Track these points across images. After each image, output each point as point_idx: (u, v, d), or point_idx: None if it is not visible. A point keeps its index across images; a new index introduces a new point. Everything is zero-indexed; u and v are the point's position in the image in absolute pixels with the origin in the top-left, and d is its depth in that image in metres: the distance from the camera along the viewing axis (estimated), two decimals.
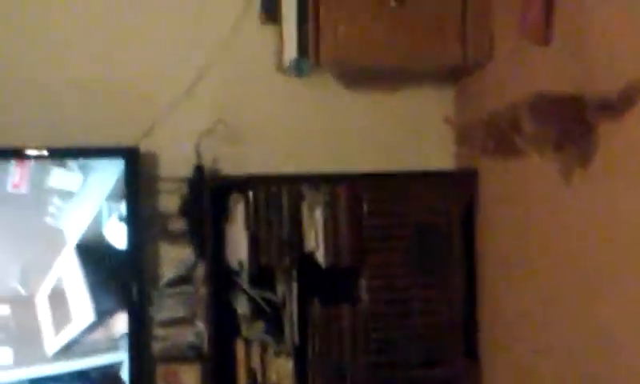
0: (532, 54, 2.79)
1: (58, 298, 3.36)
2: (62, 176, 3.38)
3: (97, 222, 3.38)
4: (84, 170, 3.38)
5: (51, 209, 3.38)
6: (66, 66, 3.51)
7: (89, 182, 3.39)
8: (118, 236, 3.38)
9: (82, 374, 3.38)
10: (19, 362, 3.33)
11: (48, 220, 3.38)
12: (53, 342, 3.35)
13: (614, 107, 2.17)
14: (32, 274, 3.35)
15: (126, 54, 3.54)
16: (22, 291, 3.35)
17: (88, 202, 3.39)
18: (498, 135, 2.43)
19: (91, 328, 3.37)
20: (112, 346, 3.39)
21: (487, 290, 3.33)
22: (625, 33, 2.24)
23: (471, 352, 3.39)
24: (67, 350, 3.36)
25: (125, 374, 3.37)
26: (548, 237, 2.73)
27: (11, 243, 3.39)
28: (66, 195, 3.37)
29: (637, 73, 2.12)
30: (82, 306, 3.37)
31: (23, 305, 3.35)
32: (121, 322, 3.39)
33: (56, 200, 3.38)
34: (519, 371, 3.01)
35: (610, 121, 2.19)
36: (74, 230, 3.38)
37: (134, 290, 3.36)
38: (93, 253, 3.38)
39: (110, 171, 3.38)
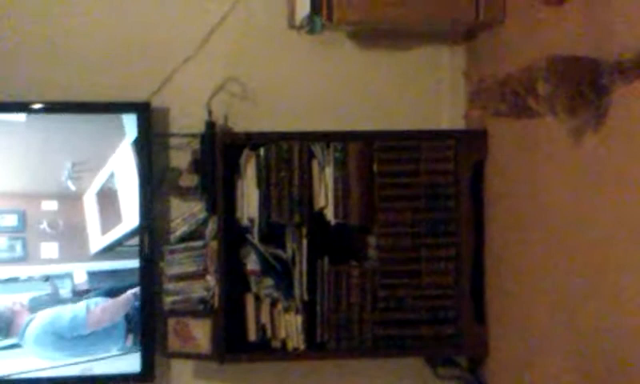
0: (546, 14, 2.77)
1: (107, 197, 3.40)
2: None
3: None
4: None
5: None
6: (80, 23, 3.54)
7: None
8: None
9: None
10: (63, 257, 3.40)
11: None
12: (98, 240, 3.41)
13: (629, 70, 2.16)
14: (84, 169, 3.37)
15: (139, 11, 3.55)
16: (72, 187, 3.38)
17: None
18: (511, 97, 2.43)
19: (138, 230, 3.42)
20: None
21: (495, 252, 3.34)
22: None
23: (479, 314, 3.42)
24: (110, 251, 3.43)
25: None
26: (557, 200, 2.74)
27: (64, 133, 3.40)
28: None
29: None
30: (132, 207, 3.40)
31: (71, 201, 3.39)
32: None
33: None
34: (526, 335, 3.03)
35: (626, 84, 2.18)
36: (134, 120, 3.39)
37: (146, 245, 3.40)
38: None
39: None
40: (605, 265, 2.43)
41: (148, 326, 3.44)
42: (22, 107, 3.38)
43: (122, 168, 3.40)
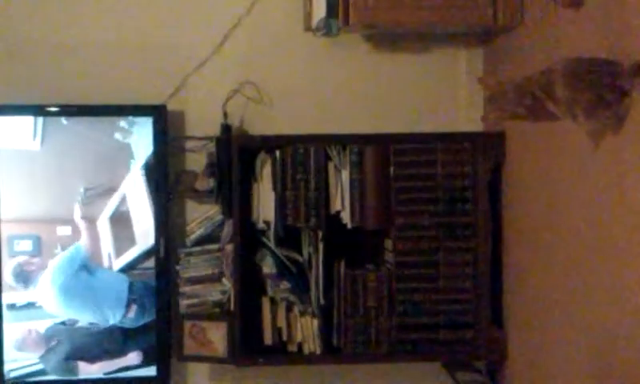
0: (563, 17, 2.75)
1: (120, 220, 3.43)
2: None
3: None
4: None
5: (122, 123, 3.42)
6: (97, 28, 3.55)
7: None
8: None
9: None
10: None
11: (117, 135, 3.41)
12: (113, 263, 3.44)
13: None
14: (96, 194, 3.40)
15: (154, 15, 3.56)
16: (85, 212, 3.41)
17: None
18: (529, 100, 2.40)
19: (151, 251, 3.43)
20: None
21: (513, 255, 3.32)
22: None
23: (497, 318, 3.39)
24: (124, 273, 3.44)
25: None
26: (576, 203, 2.71)
27: (76, 161, 3.44)
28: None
29: None
30: (143, 228, 3.42)
31: (85, 226, 3.42)
32: None
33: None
34: (544, 339, 3.01)
35: None
36: (142, 146, 3.40)
37: (162, 248, 3.40)
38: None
39: None
40: (625, 269, 2.40)
41: (164, 330, 3.44)
42: (37, 110, 3.39)
43: (133, 192, 3.42)
